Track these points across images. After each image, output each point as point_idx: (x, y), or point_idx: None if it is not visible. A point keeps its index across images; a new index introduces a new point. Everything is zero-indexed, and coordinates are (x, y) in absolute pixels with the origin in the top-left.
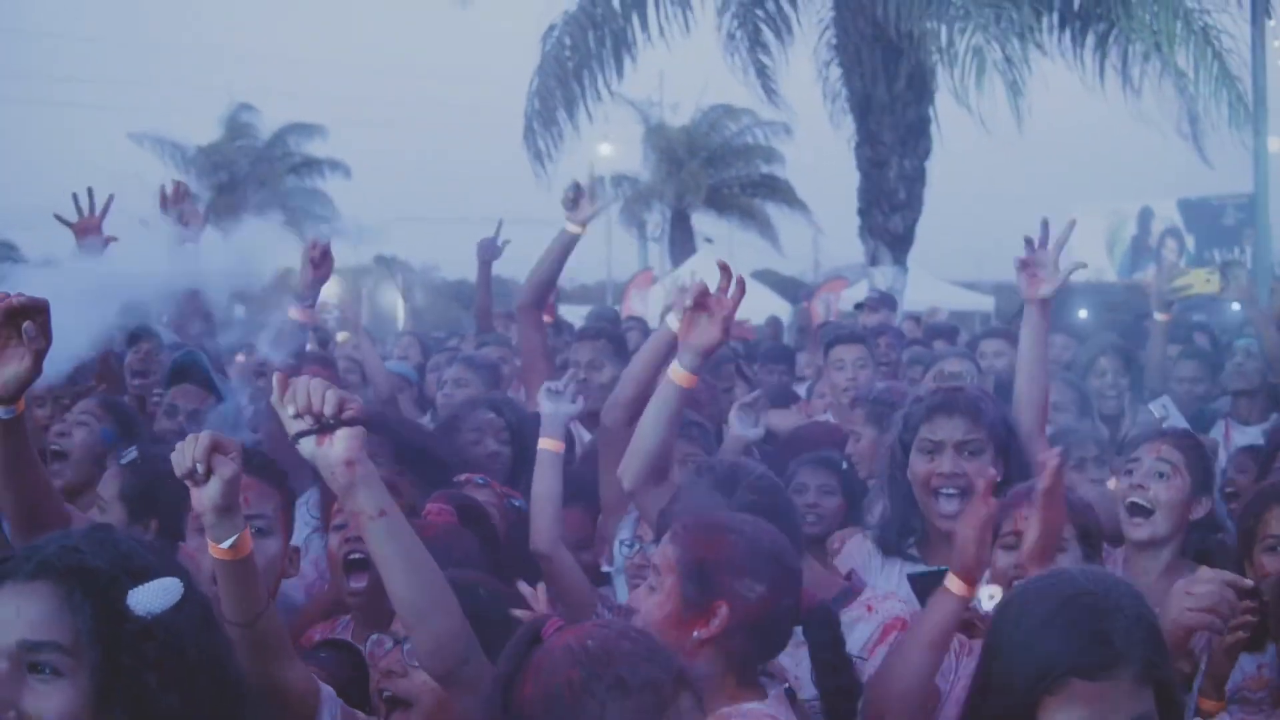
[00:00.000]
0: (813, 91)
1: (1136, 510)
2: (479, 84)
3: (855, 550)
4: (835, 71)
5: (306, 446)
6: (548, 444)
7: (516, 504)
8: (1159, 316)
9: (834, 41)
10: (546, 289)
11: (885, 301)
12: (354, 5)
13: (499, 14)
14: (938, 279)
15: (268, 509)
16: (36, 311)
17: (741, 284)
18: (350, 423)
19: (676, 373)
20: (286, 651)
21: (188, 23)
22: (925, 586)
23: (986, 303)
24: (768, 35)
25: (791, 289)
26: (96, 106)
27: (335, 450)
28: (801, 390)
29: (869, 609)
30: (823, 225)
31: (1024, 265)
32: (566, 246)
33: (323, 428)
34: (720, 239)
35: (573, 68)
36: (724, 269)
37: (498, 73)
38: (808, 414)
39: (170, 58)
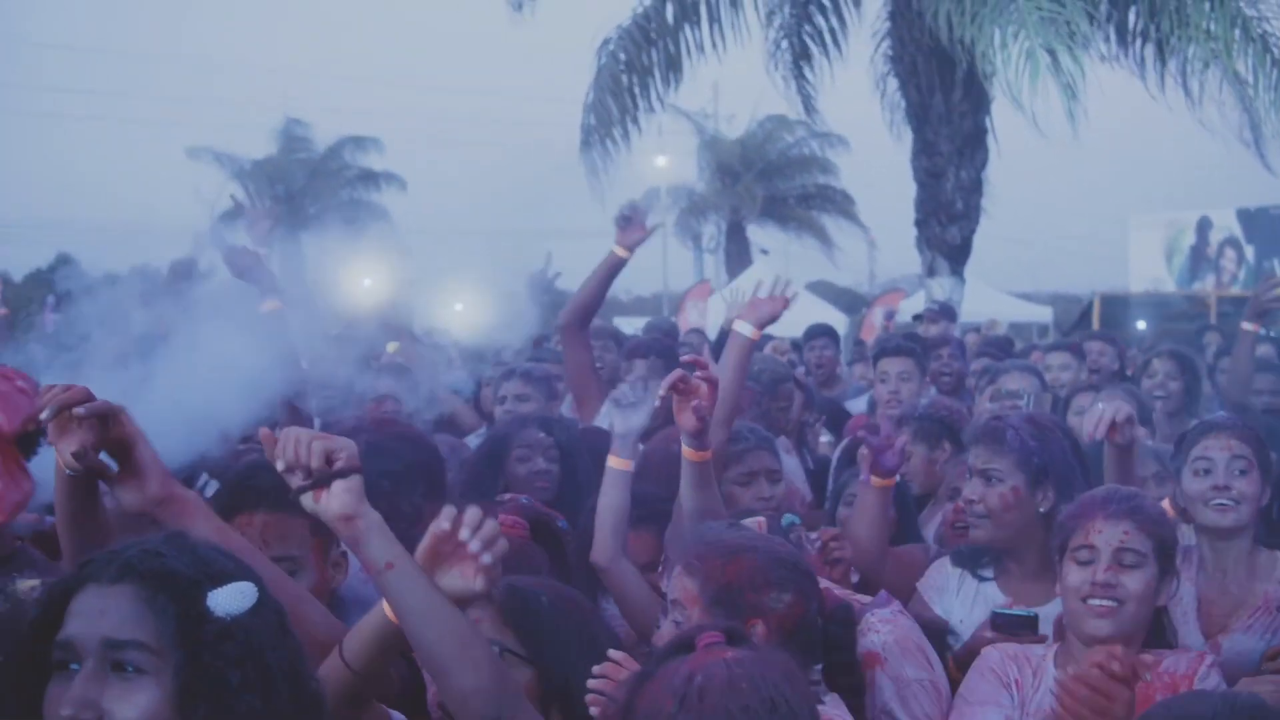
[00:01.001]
0: (870, 103)
1: (1223, 507)
2: (532, 98)
3: (935, 573)
4: (893, 83)
5: (307, 502)
6: (617, 463)
7: (560, 525)
8: (1247, 326)
9: (890, 53)
10: (591, 309)
11: (945, 312)
12: (404, 21)
13: (551, 28)
14: (995, 290)
15: (293, 547)
16: (110, 414)
17: (715, 384)
18: (342, 474)
19: (689, 453)
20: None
21: (235, 39)
22: (1011, 629)
23: (1044, 314)
24: (813, 49)
25: (847, 300)
26: (151, 122)
27: (332, 506)
28: (862, 403)
29: None
30: (878, 237)
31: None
32: (612, 269)
33: (317, 481)
34: (776, 250)
35: (627, 81)
36: (699, 364)
37: (551, 87)
38: None
39: (221, 74)
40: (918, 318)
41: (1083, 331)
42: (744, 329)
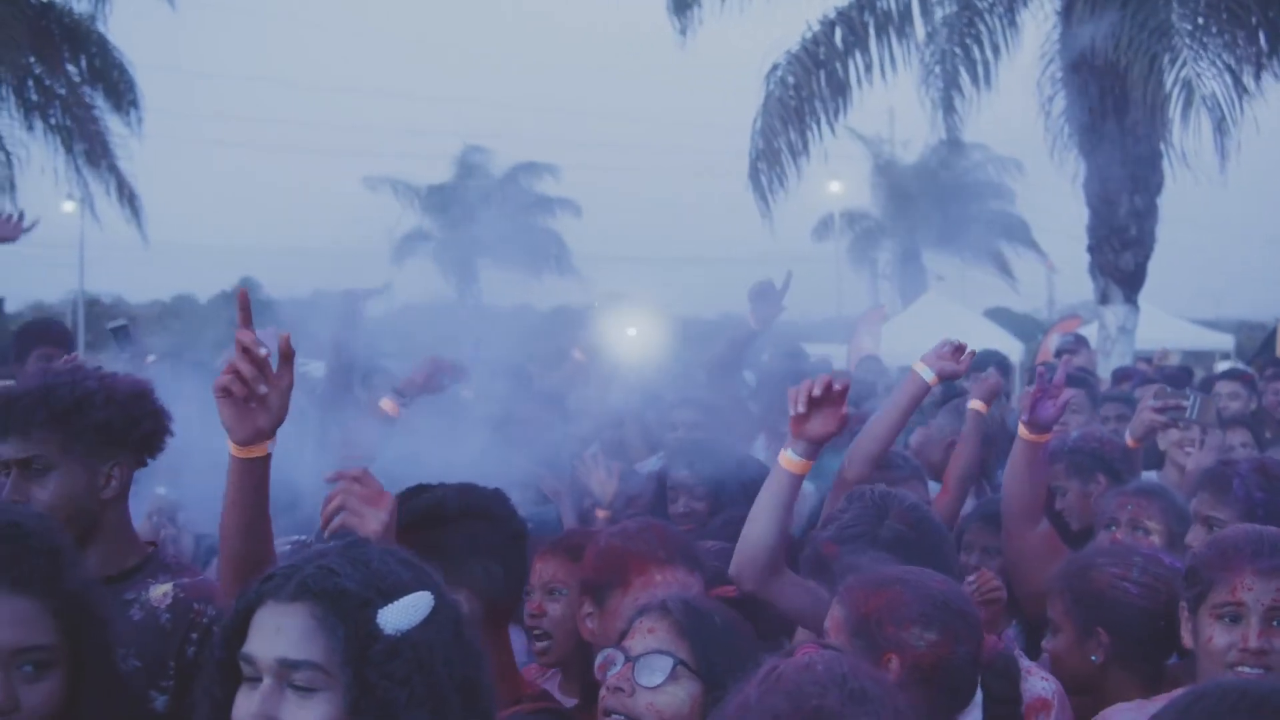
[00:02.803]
0: (1036, 126)
1: None
2: (703, 126)
3: None
4: (1059, 105)
5: None
6: None
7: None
8: None
9: (1059, 74)
10: (730, 364)
11: (1082, 342)
12: (578, 50)
13: (720, 56)
14: (1175, 317)
15: None
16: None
17: (846, 386)
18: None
19: (790, 460)
20: None
21: (411, 71)
22: None
23: (1226, 341)
24: (964, 77)
25: (1024, 327)
26: (332, 152)
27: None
28: None
29: None
30: (1054, 261)
31: None
32: (744, 339)
33: None
34: (951, 276)
35: (796, 106)
36: (832, 385)
37: (721, 114)
38: None
39: (399, 104)
40: (1058, 354)
41: (1262, 359)
42: (925, 374)
